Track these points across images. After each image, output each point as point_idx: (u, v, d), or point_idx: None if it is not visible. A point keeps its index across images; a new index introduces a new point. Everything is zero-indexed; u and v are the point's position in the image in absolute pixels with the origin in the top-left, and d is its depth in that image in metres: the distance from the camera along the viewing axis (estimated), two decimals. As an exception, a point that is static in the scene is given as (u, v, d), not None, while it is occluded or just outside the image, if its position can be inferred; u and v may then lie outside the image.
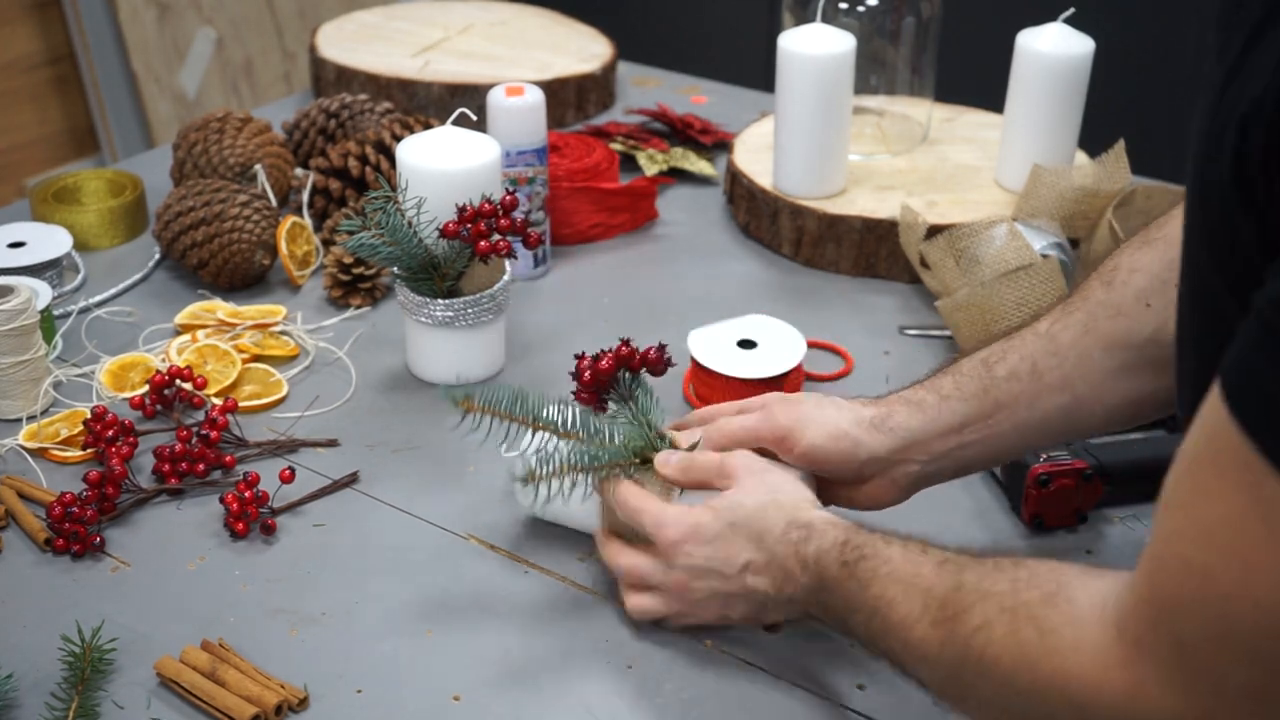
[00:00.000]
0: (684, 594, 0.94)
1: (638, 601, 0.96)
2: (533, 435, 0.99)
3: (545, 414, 0.98)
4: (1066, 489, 1.06)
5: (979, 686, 0.75)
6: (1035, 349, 0.95)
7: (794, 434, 0.96)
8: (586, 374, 1.02)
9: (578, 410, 1.00)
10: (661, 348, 1.03)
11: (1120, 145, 1.41)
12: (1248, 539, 0.59)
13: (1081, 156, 1.52)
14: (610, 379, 1.02)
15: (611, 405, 1.03)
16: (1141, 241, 0.96)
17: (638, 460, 0.99)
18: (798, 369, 1.22)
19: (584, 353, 1.04)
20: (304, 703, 0.92)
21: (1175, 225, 0.92)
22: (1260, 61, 0.60)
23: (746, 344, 1.22)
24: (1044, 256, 1.32)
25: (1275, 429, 0.58)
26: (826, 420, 0.96)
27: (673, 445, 1.00)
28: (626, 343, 1.03)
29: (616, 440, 0.99)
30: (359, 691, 0.93)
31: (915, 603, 0.79)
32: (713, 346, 1.21)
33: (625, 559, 0.96)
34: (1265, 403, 0.58)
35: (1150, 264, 0.93)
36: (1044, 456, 1.06)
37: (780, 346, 1.22)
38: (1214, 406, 0.61)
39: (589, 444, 0.98)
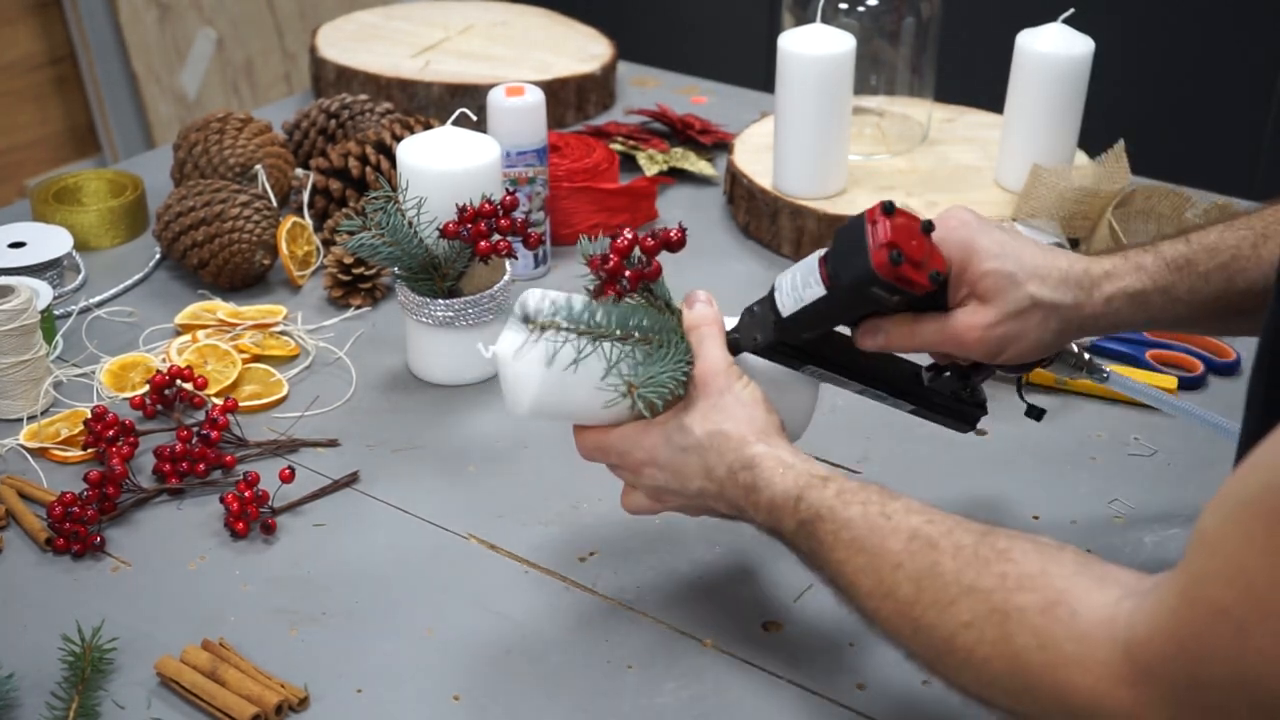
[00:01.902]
0: (660, 503, 0.93)
1: (628, 501, 0.95)
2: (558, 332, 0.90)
3: (568, 307, 0.91)
4: (912, 228, 0.89)
5: (962, 674, 0.74)
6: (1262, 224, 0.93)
7: (997, 353, 0.91)
8: (604, 264, 0.92)
9: (602, 305, 0.92)
10: (681, 229, 0.94)
11: (1120, 145, 1.41)
12: None
13: (1081, 156, 1.52)
14: (622, 272, 0.93)
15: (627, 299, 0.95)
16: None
17: (653, 334, 0.91)
18: None
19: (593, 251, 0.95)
20: (304, 702, 0.92)
21: None
22: None
23: None
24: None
25: None
26: (1044, 330, 0.90)
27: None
28: (629, 233, 0.94)
29: (634, 322, 0.91)
30: (359, 691, 0.93)
31: (884, 577, 0.77)
32: None
33: (602, 456, 0.93)
34: None
35: None
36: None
37: None
38: (1276, 450, 0.57)
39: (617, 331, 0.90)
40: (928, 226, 0.88)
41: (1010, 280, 0.89)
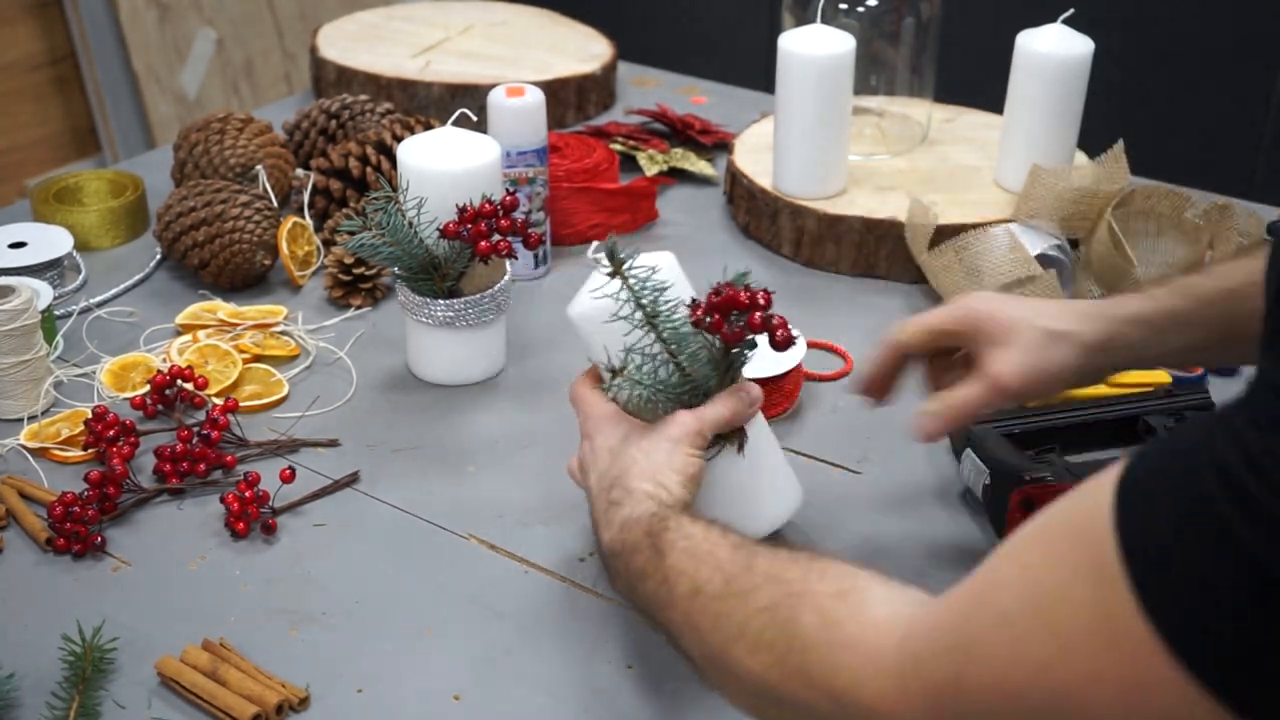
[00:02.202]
0: (573, 468, 0.99)
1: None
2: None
3: (664, 312, 0.92)
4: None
5: (748, 661, 0.74)
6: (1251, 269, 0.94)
7: (1024, 391, 0.96)
8: (711, 316, 0.91)
9: (690, 328, 0.93)
10: (786, 327, 0.92)
11: (1119, 145, 1.41)
12: (1079, 624, 0.56)
13: (1081, 157, 1.52)
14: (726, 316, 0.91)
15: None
16: None
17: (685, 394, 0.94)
18: (798, 369, 1.22)
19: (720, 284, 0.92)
20: (304, 702, 0.92)
21: None
22: None
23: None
24: (1045, 257, 1.32)
25: (1147, 554, 0.54)
26: (1053, 364, 0.96)
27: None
28: (748, 292, 0.91)
29: (696, 363, 0.93)
30: (359, 691, 0.93)
31: (701, 577, 0.79)
32: None
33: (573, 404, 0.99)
34: (1148, 519, 0.55)
35: None
36: (1027, 478, 1.05)
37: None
38: (1104, 485, 0.57)
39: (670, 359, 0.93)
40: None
41: (1022, 322, 0.96)
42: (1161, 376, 1.24)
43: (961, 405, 0.97)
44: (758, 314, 0.91)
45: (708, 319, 0.91)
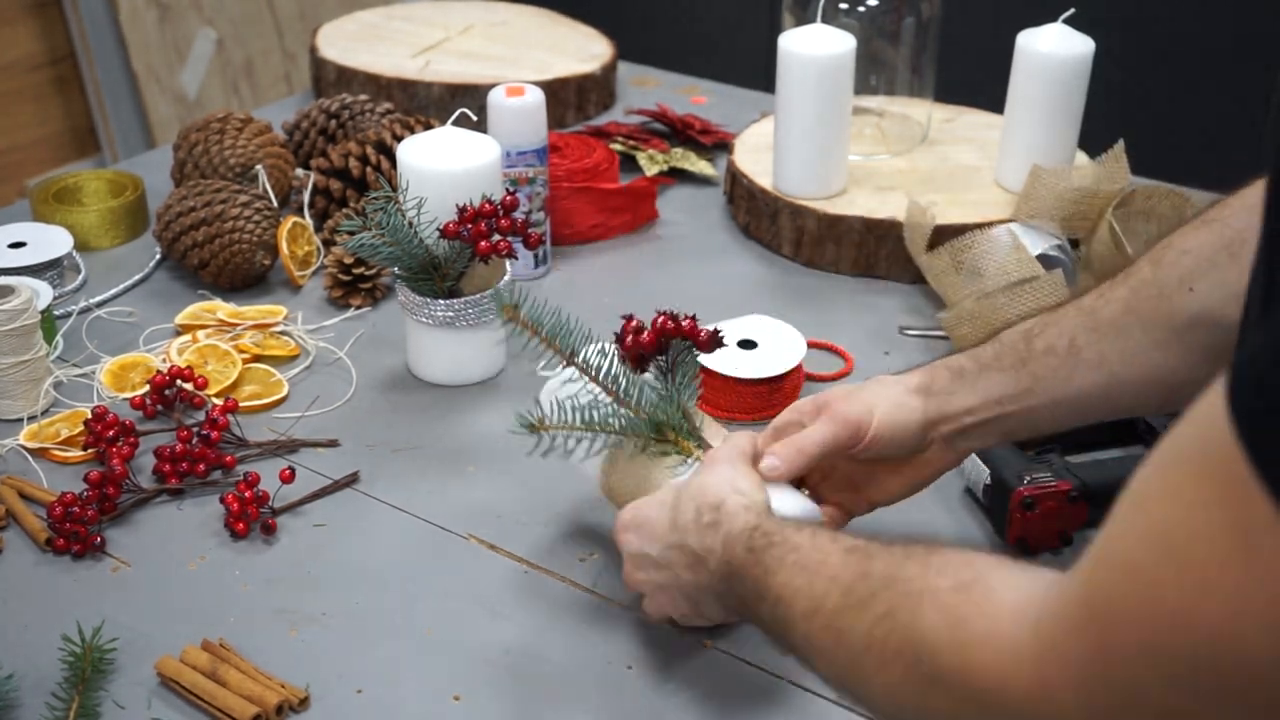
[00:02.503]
0: (636, 587, 0.94)
1: (642, 603, 0.96)
2: (564, 367, 0.98)
3: (584, 355, 0.97)
4: (1051, 511, 1.04)
5: (881, 676, 0.70)
6: (1076, 325, 0.94)
7: (864, 422, 0.94)
8: (628, 339, 0.99)
9: (617, 363, 0.98)
10: (715, 333, 1.00)
11: (1120, 145, 1.41)
12: (1214, 556, 0.53)
13: (1081, 157, 1.52)
14: (652, 352, 0.99)
15: (651, 370, 1.00)
16: (1200, 222, 0.93)
17: (654, 438, 0.97)
18: (798, 369, 1.22)
19: (632, 315, 1.00)
20: (304, 703, 0.92)
21: (1233, 207, 0.90)
22: None
23: (747, 344, 1.22)
24: (1046, 258, 1.32)
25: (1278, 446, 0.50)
26: (887, 396, 0.95)
27: (698, 427, 0.98)
28: (671, 316, 0.99)
29: (643, 405, 0.97)
30: (359, 691, 0.93)
31: (817, 592, 0.75)
32: None
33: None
34: (1273, 412, 0.51)
35: (1201, 246, 0.91)
36: (1028, 479, 1.05)
37: (780, 347, 1.22)
38: (1213, 405, 0.53)
39: (614, 401, 0.97)
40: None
41: (875, 386, 0.97)
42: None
43: (804, 442, 0.94)
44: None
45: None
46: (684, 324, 0.99)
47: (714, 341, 0.99)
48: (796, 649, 0.79)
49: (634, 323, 0.99)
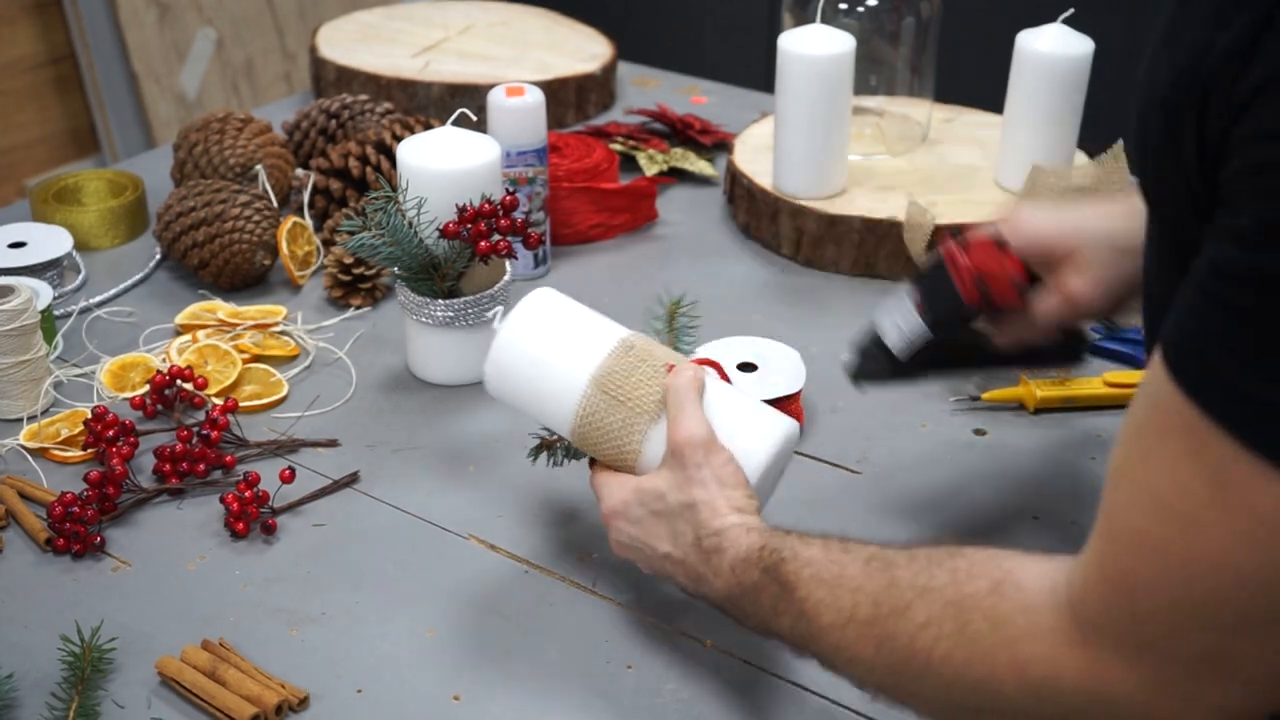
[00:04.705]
0: (624, 554, 0.94)
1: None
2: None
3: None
4: (988, 252, 0.97)
5: (924, 683, 0.73)
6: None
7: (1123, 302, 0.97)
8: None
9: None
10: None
11: (1119, 145, 1.41)
12: (1197, 502, 0.60)
13: (1081, 157, 1.52)
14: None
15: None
16: None
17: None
18: (796, 396, 1.18)
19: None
20: (304, 702, 0.92)
21: None
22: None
23: (746, 367, 1.19)
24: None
25: (1216, 388, 0.59)
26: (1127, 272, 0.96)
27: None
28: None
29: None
30: (359, 691, 0.93)
31: (844, 603, 0.77)
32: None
33: (600, 494, 0.95)
34: (1204, 363, 0.59)
35: None
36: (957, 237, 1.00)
37: (781, 370, 1.18)
38: (1156, 374, 0.62)
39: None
40: (1001, 241, 0.97)
41: (1094, 247, 0.96)
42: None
43: (1034, 330, 0.98)
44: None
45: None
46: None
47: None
48: (821, 656, 0.80)
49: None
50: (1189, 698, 0.63)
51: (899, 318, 1.00)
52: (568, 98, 1.80)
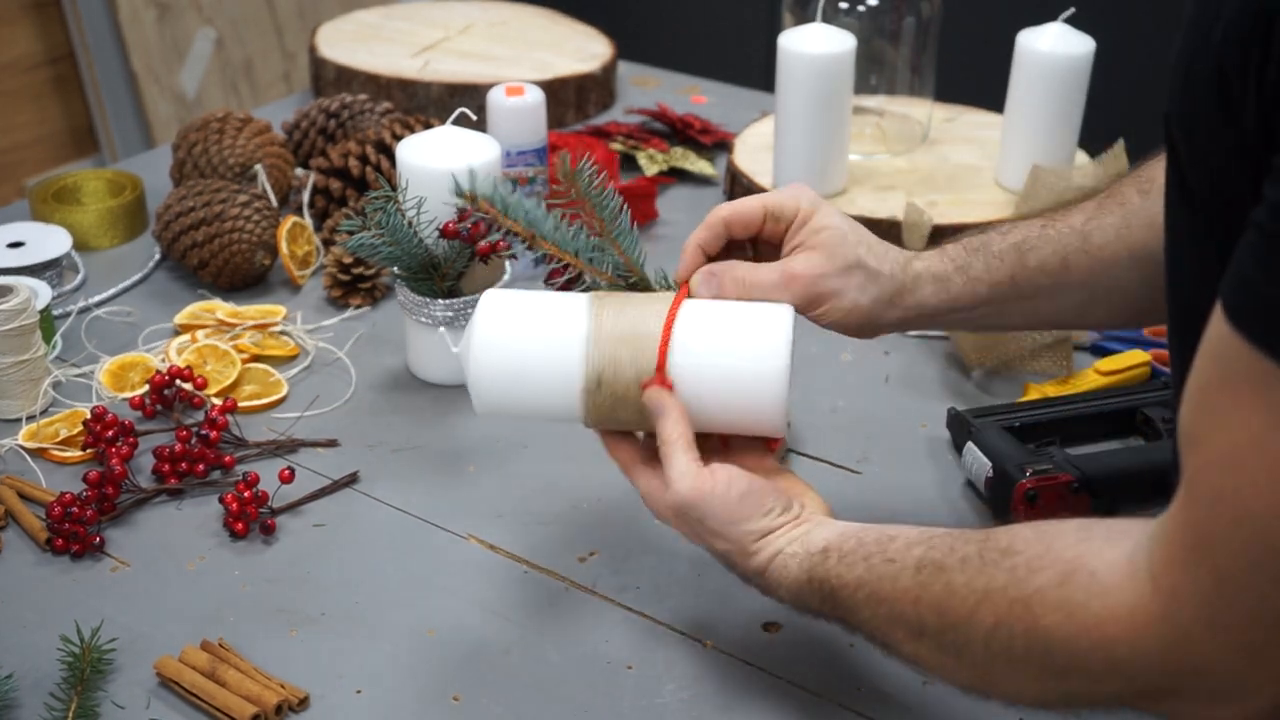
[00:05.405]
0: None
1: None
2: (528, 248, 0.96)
3: (547, 227, 0.94)
4: (1054, 503, 1.04)
5: (1013, 679, 0.73)
6: (1070, 245, 0.95)
7: (820, 301, 0.92)
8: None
9: (582, 231, 0.94)
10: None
11: (1120, 145, 1.41)
12: (1273, 451, 0.58)
13: (1081, 156, 1.52)
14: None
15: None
16: None
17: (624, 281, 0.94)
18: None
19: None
20: (304, 703, 0.92)
21: None
22: None
23: None
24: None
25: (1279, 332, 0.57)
26: (851, 293, 0.93)
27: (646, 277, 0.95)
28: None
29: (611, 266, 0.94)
30: (359, 691, 0.93)
31: (909, 618, 0.77)
32: None
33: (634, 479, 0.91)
34: (1267, 309, 0.57)
35: None
36: (1030, 471, 1.05)
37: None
38: (1217, 328, 0.60)
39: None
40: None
41: (843, 239, 0.92)
42: (1142, 357, 1.25)
43: (743, 287, 0.92)
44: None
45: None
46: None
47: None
48: (908, 665, 0.81)
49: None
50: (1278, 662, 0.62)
51: None
52: (568, 97, 1.80)
